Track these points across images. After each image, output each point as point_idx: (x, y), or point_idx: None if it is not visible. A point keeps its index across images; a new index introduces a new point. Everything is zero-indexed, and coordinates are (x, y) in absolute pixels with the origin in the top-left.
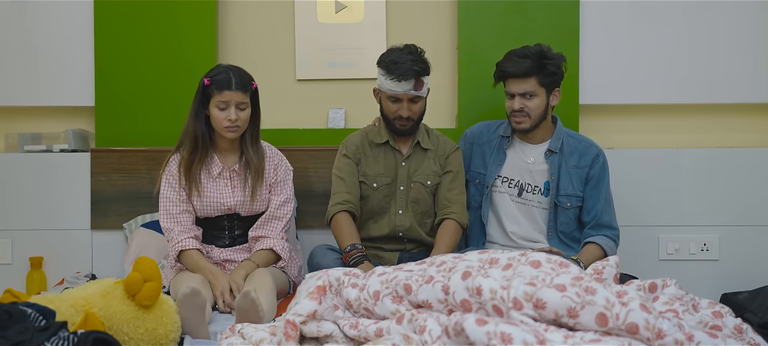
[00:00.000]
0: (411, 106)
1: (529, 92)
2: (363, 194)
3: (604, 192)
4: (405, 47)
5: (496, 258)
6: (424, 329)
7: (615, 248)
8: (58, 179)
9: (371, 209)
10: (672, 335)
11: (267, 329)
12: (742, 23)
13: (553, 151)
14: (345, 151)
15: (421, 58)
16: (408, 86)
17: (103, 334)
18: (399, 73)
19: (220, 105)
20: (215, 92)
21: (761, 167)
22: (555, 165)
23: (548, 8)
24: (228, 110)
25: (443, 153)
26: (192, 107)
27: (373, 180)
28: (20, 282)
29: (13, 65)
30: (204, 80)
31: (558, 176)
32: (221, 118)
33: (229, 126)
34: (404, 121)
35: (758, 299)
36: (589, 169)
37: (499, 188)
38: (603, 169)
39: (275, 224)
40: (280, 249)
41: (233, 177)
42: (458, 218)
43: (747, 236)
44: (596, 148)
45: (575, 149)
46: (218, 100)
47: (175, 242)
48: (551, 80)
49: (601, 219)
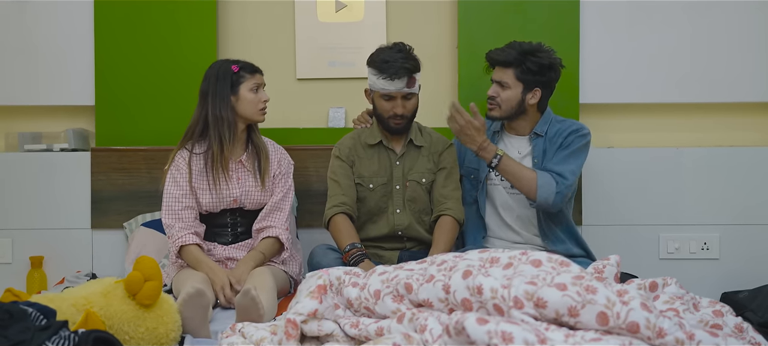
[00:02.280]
0: (405, 103)
1: (503, 82)
2: (360, 195)
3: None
4: (394, 46)
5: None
6: (425, 328)
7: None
8: (59, 179)
9: (369, 211)
10: (673, 334)
11: (268, 328)
12: (742, 22)
13: (538, 134)
14: (338, 153)
15: (411, 55)
16: (401, 84)
17: (104, 333)
18: (391, 71)
19: (253, 88)
20: (247, 76)
21: (762, 166)
22: (539, 148)
23: (548, 7)
24: (260, 92)
25: (436, 150)
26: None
27: (368, 181)
28: (21, 281)
29: (14, 65)
30: (232, 68)
31: (542, 158)
32: (256, 101)
33: (263, 108)
34: (399, 119)
35: (759, 298)
36: (564, 139)
37: (494, 180)
38: (578, 138)
39: (279, 214)
40: (284, 239)
41: (239, 168)
42: (454, 214)
43: (747, 235)
44: (579, 125)
45: (560, 132)
46: (252, 83)
47: (176, 237)
48: (532, 78)
49: (552, 167)
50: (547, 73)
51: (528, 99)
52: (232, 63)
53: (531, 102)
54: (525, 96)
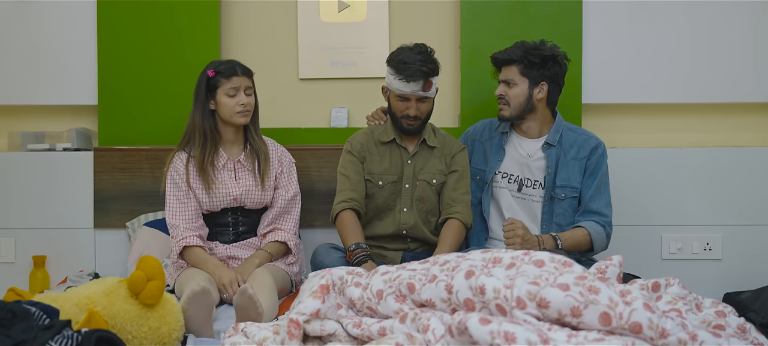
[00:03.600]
0: (419, 105)
1: (510, 80)
2: (369, 192)
3: (597, 180)
4: (415, 47)
5: (500, 257)
6: (428, 328)
7: (603, 233)
8: (61, 178)
9: (377, 207)
10: (675, 335)
11: (270, 327)
12: (745, 22)
13: (550, 144)
14: (350, 148)
15: (430, 58)
16: (416, 87)
17: (107, 332)
18: (408, 73)
19: (229, 92)
20: (223, 81)
21: (764, 167)
22: (552, 158)
23: (551, 8)
24: (238, 96)
25: (449, 152)
26: (195, 104)
27: (378, 178)
28: (23, 281)
29: (17, 64)
30: (207, 73)
31: (555, 168)
32: (232, 104)
33: (241, 111)
34: (411, 120)
35: (761, 298)
36: (587, 160)
37: (499, 183)
38: (600, 159)
39: (287, 218)
40: (293, 244)
41: (238, 168)
42: (462, 218)
43: (750, 235)
44: (595, 139)
45: (574, 142)
46: (228, 87)
47: (180, 238)
48: (536, 73)
49: (590, 205)
50: (551, 66)
51: (535, 94)
52: (212, 66)
53: (538, 97)
54: (532, 91)
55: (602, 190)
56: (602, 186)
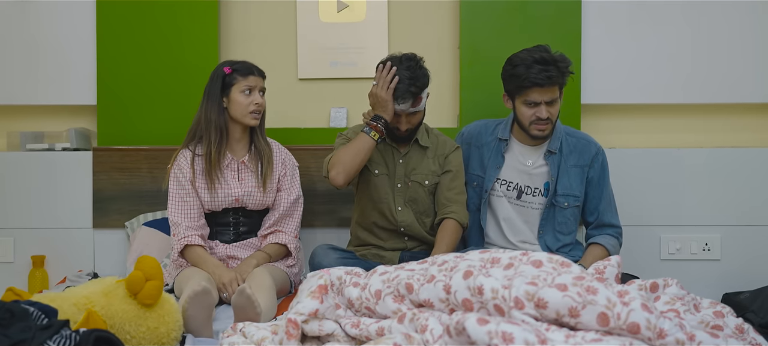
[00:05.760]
0: (409, 118)
1: (554, 100)
2: (365, 178)
3: (605, 191)
4: (403, 61)
5: (498, 258)
6: (426, 329)
7: (618, 245)
8: (60, 178)
9: (373, 198)
10: (673, 335)
11: (269, 327)
12: (744, 23)
13: (552, 152)
14: (345, 133)
15: (418, 74)
16: (405, 106)
17: (105, 332)
18: (396, 95)
19: (245, 90)
20: (239, 78)
21: (763, 167)
22: (554, 165)
23: (550, 8)
24: (253, 95)
25: (443, 153)
26: (208, 100)
27: (374, 166)
28: (22, 281)
29: (16, 64)
30: (223, 70)
31: (557, 176)
32: (247, 103)
33: (254, 110)
34: (402, 132)
35: (759, 299)
36: (589, 169)
37: (498, 191)
38: (603, 167)
39: (289, 221)
40: (293, 247)
41: (241, 169)
42: (458, 218)
43: (748, 236)
44: (595, 145)
45: (574, 148)
46: (244, 85)
47: (181, 236)
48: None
49: (603, 219)
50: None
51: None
52: (228, 64)
53: None
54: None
55: (610, 199)
56: (609, 195)
